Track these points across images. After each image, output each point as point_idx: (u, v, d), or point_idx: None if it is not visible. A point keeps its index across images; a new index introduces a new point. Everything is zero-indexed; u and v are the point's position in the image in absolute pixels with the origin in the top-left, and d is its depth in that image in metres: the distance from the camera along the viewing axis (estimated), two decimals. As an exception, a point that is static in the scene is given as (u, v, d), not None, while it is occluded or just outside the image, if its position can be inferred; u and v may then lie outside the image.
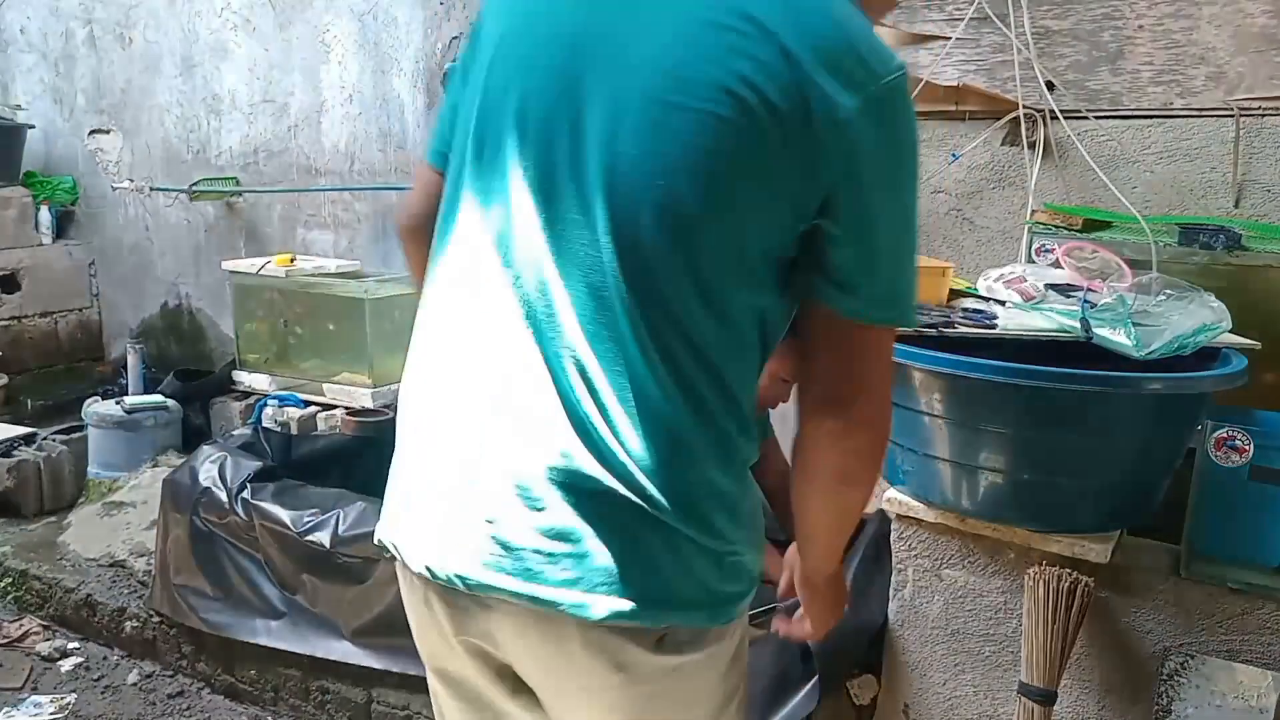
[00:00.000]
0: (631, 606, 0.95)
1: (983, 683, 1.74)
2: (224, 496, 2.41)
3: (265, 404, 3.11)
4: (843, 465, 1.01)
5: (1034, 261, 1.88)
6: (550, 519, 0.96)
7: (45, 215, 4.02)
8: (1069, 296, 1.62)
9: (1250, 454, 1.49)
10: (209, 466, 2.49)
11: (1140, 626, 1.60)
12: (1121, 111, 1.91)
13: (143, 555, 2.83)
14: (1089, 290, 1.60)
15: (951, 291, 1.75)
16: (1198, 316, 1.45)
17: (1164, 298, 1.51)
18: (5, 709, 2.38)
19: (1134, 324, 1.44)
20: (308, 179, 3.55)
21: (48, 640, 2.69)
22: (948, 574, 1.73)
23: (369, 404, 3.03)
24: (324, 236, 3.58)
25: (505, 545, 0.97)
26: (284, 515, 2.32)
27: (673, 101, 0.90)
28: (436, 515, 1.03)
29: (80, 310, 4.17)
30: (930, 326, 1.52)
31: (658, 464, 0.94)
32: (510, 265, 0.98)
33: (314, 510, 2.32)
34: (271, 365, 3.36)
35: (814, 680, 1.74)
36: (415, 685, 2.21)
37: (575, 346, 0.94)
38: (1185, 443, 1.51)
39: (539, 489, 0.96)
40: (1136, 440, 1.46)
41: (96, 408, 3.31)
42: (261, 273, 3.27)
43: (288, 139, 3.56)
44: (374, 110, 3.35)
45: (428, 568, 1.03)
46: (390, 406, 3.05)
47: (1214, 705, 1.54)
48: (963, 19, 1.95)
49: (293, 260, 3.32)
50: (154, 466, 3.21)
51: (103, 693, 2.50)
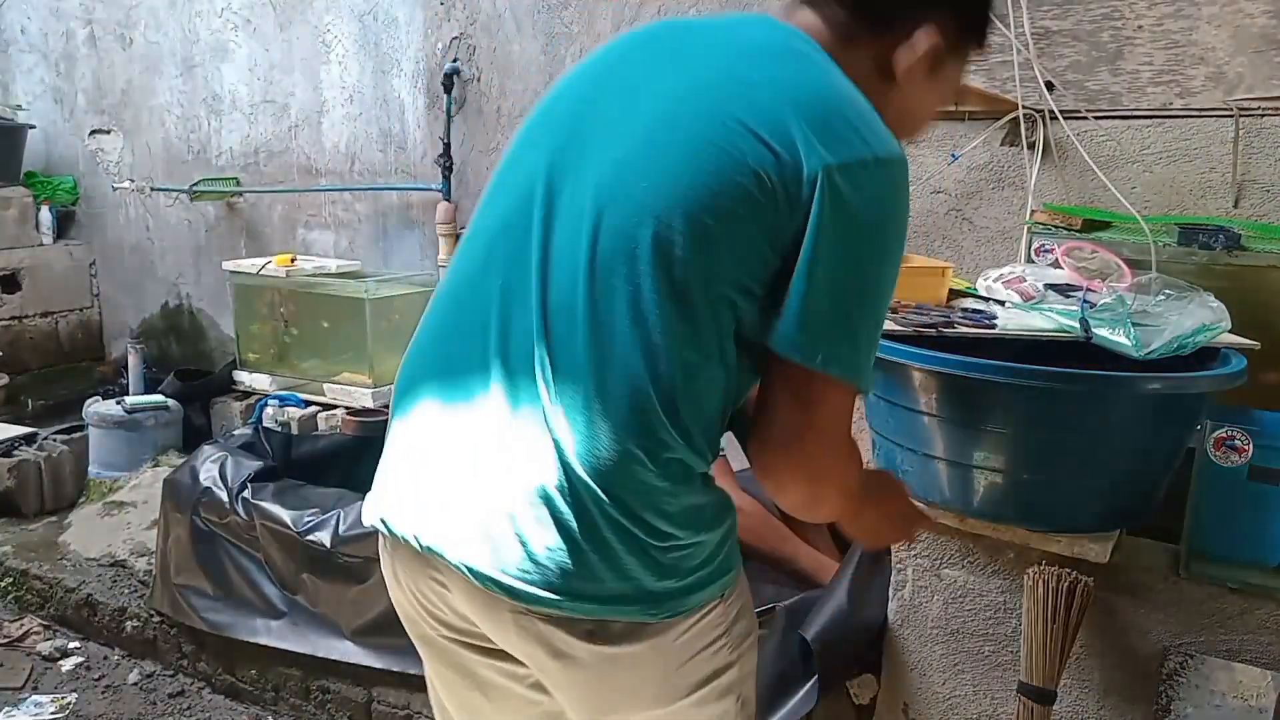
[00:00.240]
0: (554, 598, 1.00)
1: (982, 682, 1.74)
2: (224, 496, 2.42)
3: (266, 404, 3.11)
4: (786, 505, 1.09)
5: (1033, 261, 1.88)
6: (498, 503, 1.02)
7: (46, 215, 4.02)
8: (1068, 296, 1.62)
9: (1250, 454, 1.49)
10: (210, 466, 2.49)
11: (1140, 626, 1.60)
12: (1121, 112, 1.92)
13: (143, 555, 2.83)
14: (1088, 290, 1.61)
15: (951, 291, 1.75)
16: (1197, 316, 1.45)
17: (1163, 298, 1.51)
18: (6, 709, 2.38)
19: (1133, 324, 1.44)
20: (308, 179, 3.55)
21: (48, 640, 2.69)
22: (947, 573, 1.73)
23: (369, 404, 3.03)
24: (324, 236, 3.58)
25: (458, 518, 1.04)
26: (284, 515, 2.33)
27: (669, 140, 0.99)
28: (407, 483, 1.11)
29: (81, 310, 4.17)
30: (930, 326, 1.52)
31: (594, 464, 0.98)
32: (496, 262, 1.07)
33: (314, 510, 2.32)
34: (272, 365, 3.37)
35: (813, 680, 1.74)
36: (415, 685, 2.21)
37: (544, 346, 1.00)
38: (1185, 443, 1.51)
39: (493, 474, 1.03)
40: (1136, 440, 1.46)
41: (97, 408, 3.31)
42: (262, 273, 3.27)
43: (288, 139, 3.56)
44: (374, 110, 3.35)
45: (382, 520, 1.13)
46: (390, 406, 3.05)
47: (1213, 705, 1.54)
48: (962, 19, 1.95)
49: (293, 260, 3.32)
50: (155, 466, 3.21)
51: (103, 692, 2.50)
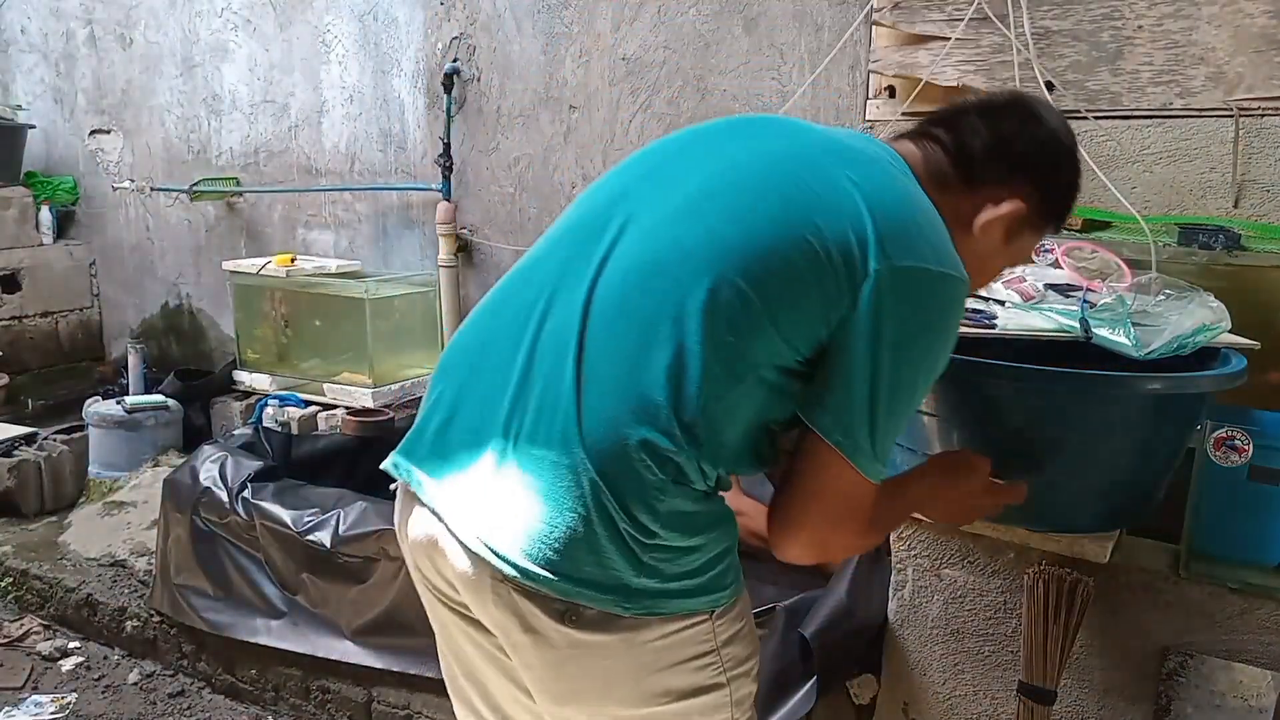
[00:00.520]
0: (530, 569, 1.02)
1: (982, 682, 1.74)
2: (224, 496, 2.42)
3: (266, 404, 3.11)
4: (780, 558, 1.13)
5: (1033, 261, 1.88)
6: (495, 468, 1.05)
7: (46, 215, 4.02)
8: (1068, 296, 1.62)
9: (1250, 454, 1.49)
10: (210, 466, 2.49)
11: (1140, 626, 1.60)
12: (1121, 112, 1.91)
13: (143, 555, 2.83)
14: (1088, 290, 1.60)
15: (951, 291, 1.74)
16: (1197, 316, 1.44)
17: (1163, 298, 1.51)
18: (6, 708, 2.38)
19: (1133, 324, 1.44)
20: (308, 179, 3.55)
21: (48, 640, 2.69)
22: (947, 573, 1.73)
23: (369, 404, 3.04)
24: (324, 236, 3.58)
25: (457, 479, 1.09)
26: (284, 515, 2.33)
27: (754, 185, 1.07)
28: (429, 436, 1.15)
29: (81, 310, 4.17)
30: (930, 326, 1.52)
31: (596, 446, 1.01)
32: (562, 252, 1.13)
33: (314, 510, 2.32)
34: (272, 365, 3.37)
35: (813, 680, 1.74)
36: (416, 685, 2.21)
37: (579, 329, 1.05)
38: (1185, 442, 1.51)
39: (498, 440, 1.06)
40: (1136, 440, 1.45)
41: (97, 408, 3.32)
42: (262, 273, 3.28)
43: (288, 139, 3.56)
44: (374, 111, 3.35)
45: (394, 464, 1.17)
46: (391, 406, 3.06)
47: (1213, 705, 1.54)
48: (962, 19, 1.95)
49: (293, 260, 3.32)
50: (155, 466, 3.21)
51: (103, 692, 2.50)
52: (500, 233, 3.15)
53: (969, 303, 1.72)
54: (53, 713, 2.39)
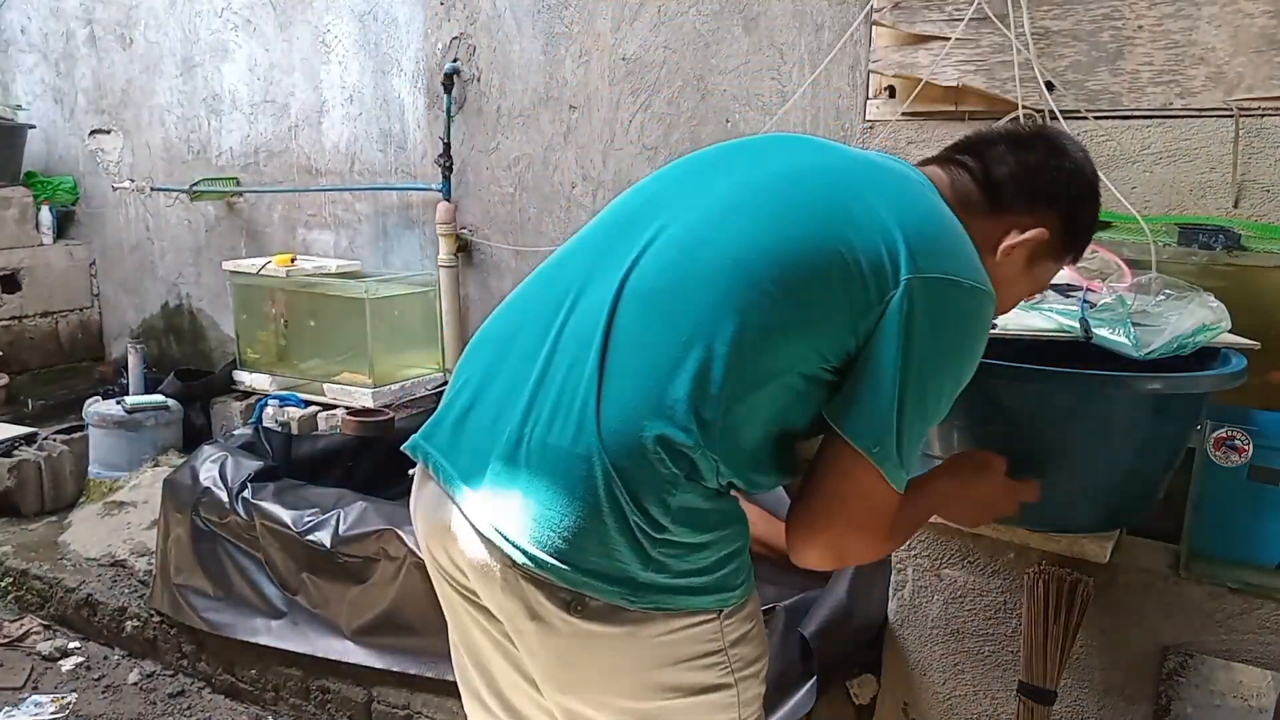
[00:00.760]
0: (539, 555, 1.02)
1: (982, 682, 1.74)
2: (224, 496, 2.42)
3: (266, 404, 3.11)
4: (800, 564, 1.13)
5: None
6: (511, 454, 1.06)
7: (46, 215, 4.02)
8: (1068, 296, 1.62)
9: (1250, 454, 1.49)
10: (210, 466, 2.49)
11: (1140, 626, 1.60)
12: (1121, 112, 1.91)
13: (143, 555, 2.83)
14: (1088, 290, 1.60)
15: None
16: (1197, 316, 1.44)
17: (1163, 298, 1.51)
18: (6, 708, 2.38)
19: (1133, 324, 1.44)
20: (308, 179, 3.55)
21: (48, 640, 2.69)
22: (947, 573, 1.73)
23: (369, 404, 3.04)
24: (324, 236, 3.58)
25: (474, 463, 1.09)
26: (284, 515, 2.33)
27: (786, 192, 1.09)
28: (449, 420, 1.16)
29: (81, 310, 4.17)
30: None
31: (612, 437, 1.01)
32: (598, 244, 1.16)
33: (314, 510, 2.32)
34: (272, 365, 3.37)
35: (813, 680, 1.74)
36: (416, 685, 2.21)
37: (607, 318, 1.06)
38: (1185, 442, 1.51)
39: (515, 426, 1.07)
40: (1136, 440, 1.45)
41: (97, 408, 3.32)
42: (262, 273, 3.28)
43: (288, 139, 3.56)
44: (374, 111, 3.35)
45: (412, 448, 1.19)
46: (391, 406, 3.06)
47: (1213, 705, 1.54)
48: (962, 19, 1.95)
49: (293, 260, 3.32)
50: (155, 466, 3.21)
51: (103, 692, 2.50)
52: (500, 233, 3.15)
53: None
54: (53, 713, 2.39)
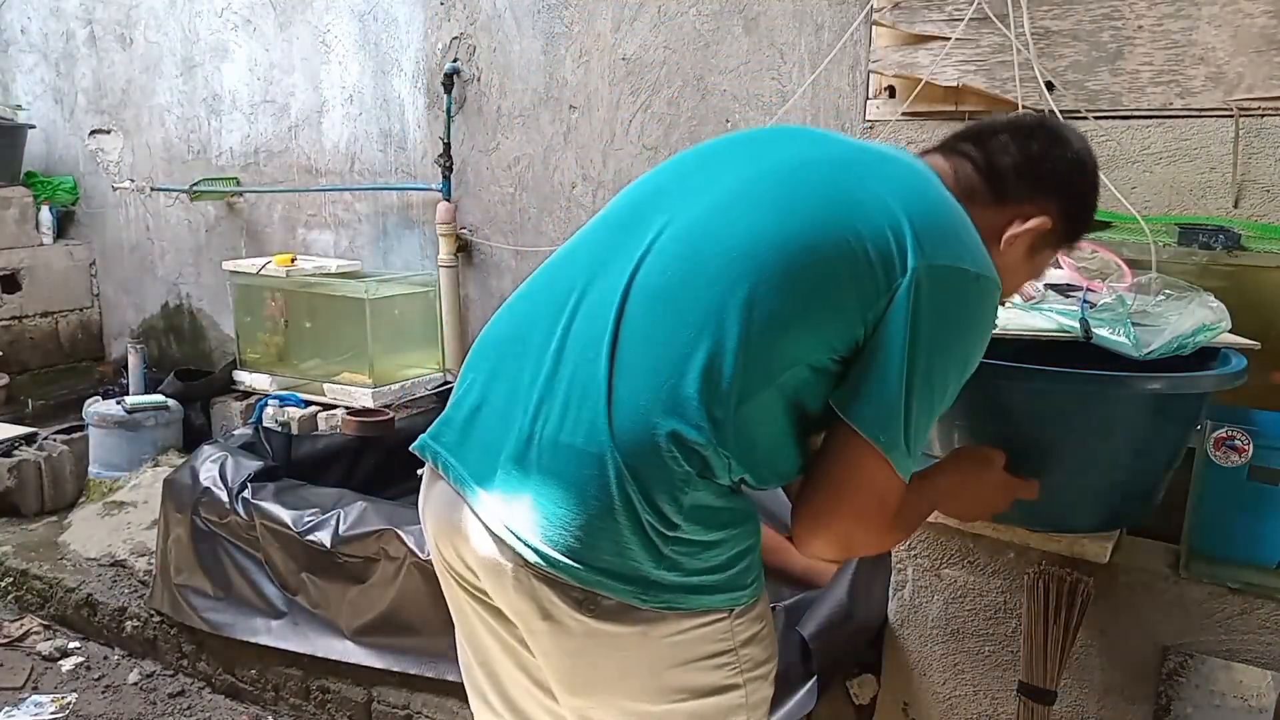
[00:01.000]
0: (551, 554, 1.02)
1: (982, 682, 1.74)
2: (224, 496, 2.42)
3: (266, 404, 3.11)
4: (806, 554, 1.13)
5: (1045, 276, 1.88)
6: (520, 453, 1.06)
7: (46, 215, 4.02)
8: (1068, 297, 1.62)
9: (1250, 454, 1.49)
10: (210, 466, 2.49)
11: (1140, 626, 1.60)
12: (1121, 112, 1.91)
13: (143, 555, 2.83)
14: (1088, 290, 1.60)
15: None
16: (1197, 316, 1.44)
17: (1163, 298, 1.51)
18: (6, 708, 2.38)
19: (1133, 324, 1.44)
20: (308, 179, 3.55)
21: (48, 640, 2.69)
22: (947, 573, 1.73)
23: (369, 404, 3.04)
24: (324, 236, 3.58)
25: (483, 462, 1.09)
26: (284, 515, 2.33)
27: (791, 182, 1.09)
28: (457, 420, 1.16)
29: (81, 310, 4.17)
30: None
31: (624, 435, 1.01)
32: (603, 240, 1.16)
33: (314, 510, 2.32)
34: (272, 365, 3.37)
35: (813, 680, 1.74)
36: (416, 685, 2.21)
37: (616, 315, 1.05)
38: (1185, 442, 1.51)
39: (524, 426, 1.07)
40: (1136, 440, 1.45)
41: (97, 408, 3.32)
42: (262, 273, 3.28)
43: (288, 139, 3.56)
44: (374, 110, 3.35)
45: (420, 448, 1.19)
46: (391, 406, 3.06)
47: (1213, 705, 1.54)
48: (962, 19, 1.95)
49: (293, 260, 3.32)
50: (155, 466, 3.21)
51: (103, 692, 2.50)
52: (500, 233, 3.15)
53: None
54: (53, 713, 2.39)
